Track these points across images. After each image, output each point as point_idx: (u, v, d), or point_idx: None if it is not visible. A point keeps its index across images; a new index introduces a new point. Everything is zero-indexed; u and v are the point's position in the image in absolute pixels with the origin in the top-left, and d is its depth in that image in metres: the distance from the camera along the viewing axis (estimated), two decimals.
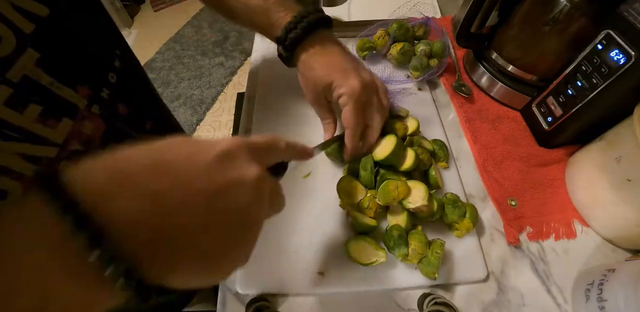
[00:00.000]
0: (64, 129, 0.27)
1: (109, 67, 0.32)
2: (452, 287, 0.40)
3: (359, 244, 0.39)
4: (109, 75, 0.32)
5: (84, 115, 0.29)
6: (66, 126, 0.27)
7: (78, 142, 0.28)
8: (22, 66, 0.24)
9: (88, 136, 0.29)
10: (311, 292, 0.40)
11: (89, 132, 0.29)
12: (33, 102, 0.25)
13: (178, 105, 1.89)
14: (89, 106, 0.29)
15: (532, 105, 0.52)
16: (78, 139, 0.28)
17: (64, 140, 0.27)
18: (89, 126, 0.29)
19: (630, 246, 0.42)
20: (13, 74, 0.23)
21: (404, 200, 0.39)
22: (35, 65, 0.25)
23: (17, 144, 0.24)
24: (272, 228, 0.44)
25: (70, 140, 0.28)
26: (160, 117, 0.45)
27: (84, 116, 0.29)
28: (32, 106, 0.25)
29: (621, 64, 0.37)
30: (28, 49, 0.24)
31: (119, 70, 0.33)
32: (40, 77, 0.25)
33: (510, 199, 0.46)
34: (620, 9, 0.38)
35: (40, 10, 0.25)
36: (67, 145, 0.27)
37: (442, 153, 0.48)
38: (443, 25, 0.67)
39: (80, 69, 0.29)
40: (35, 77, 0.25)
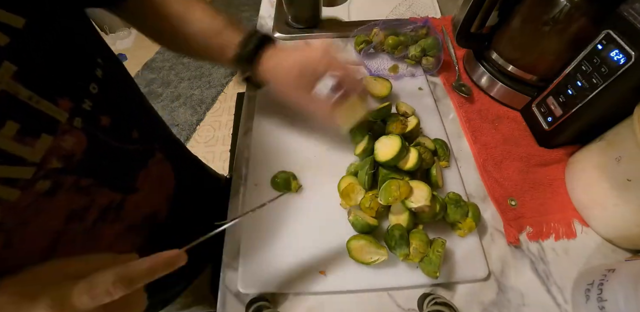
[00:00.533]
0: (43, 147, 0.25)
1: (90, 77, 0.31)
2: (452, 287, 0.40)
3: (360, 243, 0.39)
4: (90, 86, 0.30)
5: (65, 130, 0.27)
6: (45, 143, 0.26)
7: (57, 159, 0.27)
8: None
9: (68, 152, 0.28)
10: (312, 292, 0.40)
11: (68, 148, 0.28)
12: (10, 119, 0.23)
13: (178, 105, 1.89)
14: (71, 119, 0.27)
15: (532, 105, 0.52)
16: (57, 156, 0.27)
17: (41, 159, 0.25)
18: (70, 141, 0.28)
19: (630, 246, 0.42)
20: None
21: (406, 199, 0.39)
22: (12, 79, 0.23)
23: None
24: (273, 228, 0.44)
25: (48, 158, 0.26)
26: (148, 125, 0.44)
27: (65, 130, 0.27)
28: (9, 124, 0.23)
29: (621, 64, 0.37)
30: (4, 62, 0.23)
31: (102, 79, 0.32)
32: (19, 92, 0.24)
33: (510, 199, 0.46)
34: (620, 9, 0.38)
35: (16, 21, 0.24)
36: (45, 163, 0.26)
37: (442, 152, 0.48)
38: (443, 25, 0.67)
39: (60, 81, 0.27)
40: (13, 92, 0.23)
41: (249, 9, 2.38)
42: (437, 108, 0.56)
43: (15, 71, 0.23)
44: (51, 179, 0.26)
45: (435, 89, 0.60)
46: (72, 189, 0.29)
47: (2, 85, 0.23)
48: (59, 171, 0.27)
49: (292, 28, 0.71)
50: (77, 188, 0.29)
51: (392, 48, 0.60)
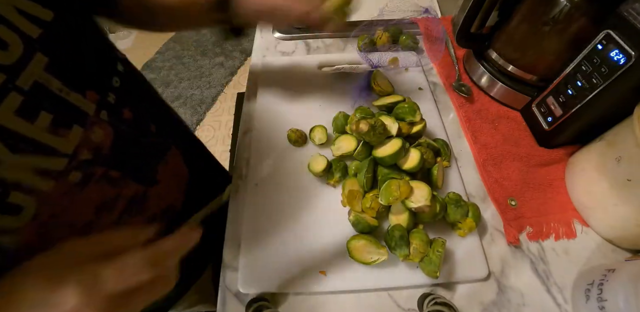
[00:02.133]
0: (75, 138, 0.26)
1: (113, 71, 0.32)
2: (452, 287, 0.40)
3: (361, 243, 0.39)
4: (113, 80, 0.31)
5: (93, 122, 0.28)
6: (77, 134, 0.26)
7: (87, 151, 0.28)
8: (32, 72, 0.23)
9: (97, 144, 0.29)
10: (313, 291, 0.40)
11: (98, 140, 0.29)
12: (44, 110, 0.24)
13: (178, 105, 1.89)
14: (98, 112, 0.29)
15: (532, 105, 0.52)
16: (87, 148, 0.27)
17: (73, 150, 0.26)
18: (99, 133, 0.29)
19: (630, 246, 0.42)
20: (23, 80, 0.23)
21: (406, 199, 0.39)
22: (44, 71, 0.24)
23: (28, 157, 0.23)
24: (273, 228, 0.44)
25: (80, 150, 0.27)
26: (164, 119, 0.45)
27: (93, 122, 0.28)
28: (43, 114, 0.24)
29: (621, 64, 0.37)
30: (37, 54, 0.24)
31: (123, 73, 0.33)
32: (50, 83, 0.24)
33: (510, 199, 0.46)
34: (620, 9, 0.38)
35: (45, 14, 0.25)
36: (77, 155, 0.27)
37: (443, 151, 0.48)
38: (443, 25, 0.67)
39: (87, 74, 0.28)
40: (45, 83, 0.24)
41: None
42: (437, 108, 0.56)
43: (47, 63, 0.24)
44: (82, 170, 0.27)
45: (435, 89, 0.60)
46: (102, 181, 0.30)
47: (35, 77, 0.23)
48: (90, 163, 0.28)
49: (292, 28, 0.71)
50: (106, 180, 0.30)
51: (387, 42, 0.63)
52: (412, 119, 0.47)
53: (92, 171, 0.28)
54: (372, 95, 0.56)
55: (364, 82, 0.57)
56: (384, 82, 0.56)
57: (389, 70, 0.60)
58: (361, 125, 0.41)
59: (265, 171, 0.49)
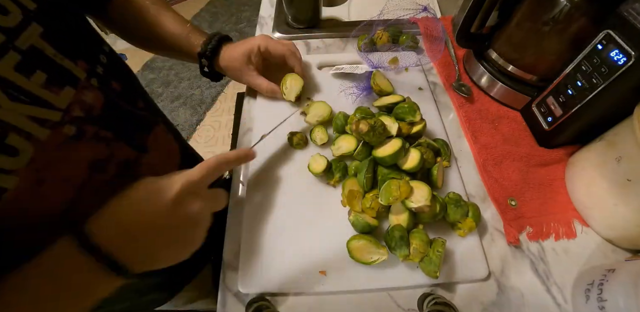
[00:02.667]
0: (67, 96, 0.29)
1: (99, 50, 0.36)
2: (452, 287, 0.40)
3: (361, 243, 0.39)
4: (100, 56, 0.35)
5: (84, 85, 0.31)
6: (69, 94, 0.30)
7: (80, 109, 0.31)
8: (29, 36, 0.27)
9: (89, 104, 0.32)
10: (313, 292, 0.40)
11: (89, 101, 0.32)
12: (39, 69, 0.27)
13: (178, 105, 1.89)
14: (88, 78, 0.32)
15: (532, 105, 0.52)
16: (79, 106, 0.31)
17: (67, 106, 0.29)
18: (89, 95, 0.32)
19: (630, 246, 0.42)
20: (21, 42, 0.26)
21: (406, 199, 0.39)
22: (40, 38, 0.27)
23: (25, 106, 0.26)
24: (273, 228, 0.44)
25: (72, 107, 0.30)
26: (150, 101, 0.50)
27: (84, 86, 0.31)
28: (38, 73, 0.27)
29: (621, 64, 0.37)
30: (33, 23, 0.27)
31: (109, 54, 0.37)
32: (45, 48, 0.28)
33: (510, 199, 0.46)
34: (620, 9, 0.38)
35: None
36: (70, 111, 0.30)
37: (443, 151, 0.48)
38: (443, 25, 0.67)
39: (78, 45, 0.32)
40: (40, 47, 0.27)
41: (249, 9, 2.39)
42: (437, 108, 0.56)
43: (42, 32, 0.28)
44: (75, 125, 0.30)
45: (435, 89, 0.60)
46: (94, 139, 0.32)
47: (32, 41, 0.27)
48: (82, 119, 0.31)
49: (292, 28, 0.71)
50: (97, 138, 0.33)
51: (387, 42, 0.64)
52: (412, 119, 0.47)
53: (85, 128, 0.31)
54: (373, 95, 0.56)
55: (364, 82, 0.57)
56: (384, 82, 0.56)
57: (389, 70, 0.60)
58: (361, 126, 0.41)
59: (265, 171, 0.49)
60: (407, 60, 0.60)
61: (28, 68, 0.26)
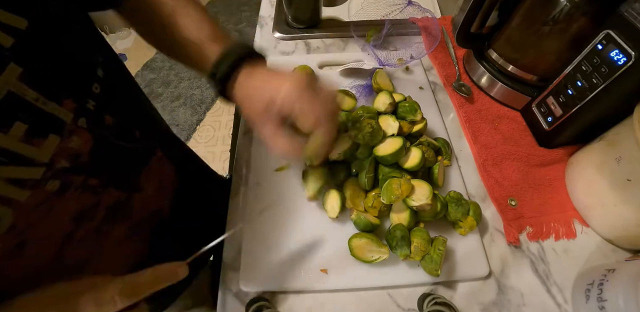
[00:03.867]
0: (51, 147, 0.26)
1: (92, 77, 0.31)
2: (452, 286, 0.40)
3: (362, 242, 0.39)
4: (92, 86, 0.30)
5: (71, 130, 0.27)
6: (53, 143, 0.26)
7: (65, 159, 0.27)
8: (5, 82, 0.23)
9: (75, 151, 0.28)
10: (314, 290, 0.40)
11: (76, 148, 0.28)
12: (18, 120, 0.23)
13: (178, 105, 1.89)
14: (76, 120, 0.28)
15: (532, 105, 0.52)
16: (65, 156, 0.27)
17: (50, 159, 0.26)
18: (77, 141, 0.28)
19: (630, 246, 0.42)
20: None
21: (407, 198, 0.39)
22: (18, 80, 0.23)
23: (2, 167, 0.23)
24: (274, 226, 0.44)
25: (56, 158, 0.26)
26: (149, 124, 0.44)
27: (71, 130, 0.27)
28: (17, 124, 0.23)
29: (621, 64, 0.37)
30: (10, 64, 0.23)
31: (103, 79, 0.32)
32: (25, 93, 0.24)
33: (510, 199, 0.46)
34: (620, 9, 0.38)
35: (19, 22, 0.24)
36: (54, 163, 0.26)
37: (444, 150, 0.48)
38: (443, 25, 0.67)
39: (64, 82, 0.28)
40: (20, 93, 0.23)
41: (249, 9, 2.38)
42: (437, 107, 0.56)
43: (21, 73, 0.23)
44: (60, 178, 0.27)
45: (435, 89, 0.60)
46: (80, 189, 0.29)
47: (10, 86, 0.23)
48: (68, 171, 0.27)
49: (292, 28, 0.71)
50: (84, 187, 0.29)
51: None
52: (413, 118, 0.47)
53: (70, 179, 0.28)
54: (374, 94, 0.56)
55: (367, 80, 0.57)
56: (384, 82, 0.56)
57: (396, 67, 0.59)
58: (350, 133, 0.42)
59: (266, 170, 0.49)
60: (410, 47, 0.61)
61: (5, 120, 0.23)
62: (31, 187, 0.25)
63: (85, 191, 0.30)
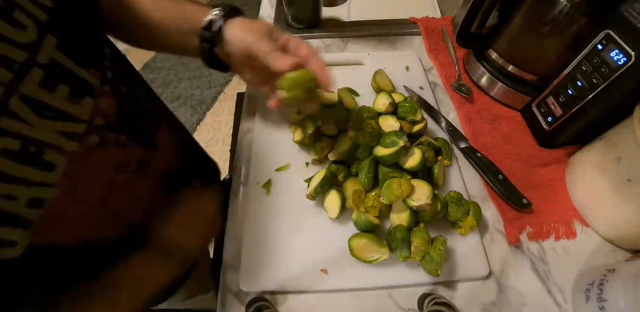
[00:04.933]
0: (88, 107, 0.30)
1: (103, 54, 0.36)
2: (452, 286, 0.40)
3: (362, 242, 0.39)
4: (104, 61, 0.35)
5: (100, 93, 0.32)
6: (89, 104, 0.30)
7: (100, 118, 0.32)
8: (47, 50, 0.27)
9: (106, 112, 0.33)
10: (314, 290, 0.40)
11: (106, 109, 0.33)
12: (61, 83, 0.28)
13: (178, 105, 1.89)
14: (102, 86, 0.32)
15: (532, 105, 0.52)
16: (99, 115, 0.32)
17: (89, 117, 0.30)
18: (106, 103, 0.33)
19: (630, 246, 0.42)
20: (42, 57, 0.26)
21: (407, 198, 0.39)
22: (56, 49, 0.27)
23: (54, 122, 0.27)
24: (275, 226, 0.44)
25: (94, 117, 0.31)
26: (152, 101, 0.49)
27: (100, 94, 0.32)
28: (61, 87, 0.27)
29: (621, 64, 0.37)
30: (48, 35, 0.27)
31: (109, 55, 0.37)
32: (63, 60, 0.28)
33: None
34: (620, 9, 0.38)
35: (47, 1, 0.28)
36: (92, 121, 0.31)
37: (444, 150, 0.48)
38: (443, 25, 0.67)
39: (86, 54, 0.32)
40: (59, 60, 0.28)
41: (249, 9, 2.38)
42: (438, 108, 0.56)
43: (57, 43, 0.28)
44: (98, 134, 0.31)
45: (435, 89, 0.60)
46: (114, 143, 0.34)
47: (51, 55, 0.27)
48: (103, 128, 0.32)
49: (292, 28, 0.71)
50: (117, 143, 0.34)
51: None
52: (413, 118, 0.47)
53: (106, 135, 0.33)
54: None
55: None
56: (384, 82, 0.56)
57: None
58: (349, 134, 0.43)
59: (266, 170, 0.49)
60: None
61: (51, 83, 0.27)
62: (78, 140, 0.29)
63: (118, 146, 0.35)
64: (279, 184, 0.48)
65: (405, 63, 0.61)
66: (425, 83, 0.59)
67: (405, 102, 0.48)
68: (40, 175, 0.26)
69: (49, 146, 0.26)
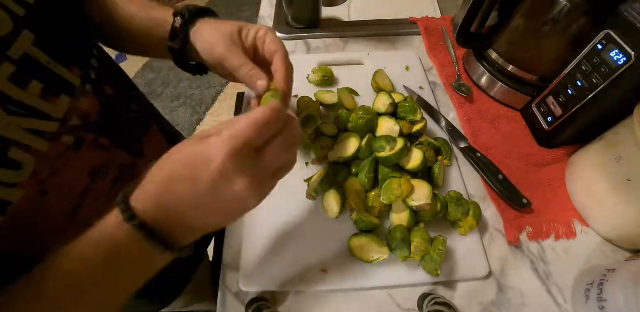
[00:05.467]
0: (63, 105, 0.29)
1: (90, 54, 0.35)
2: (452, 286, 0.40)
3: (362, 242, 0.39)
4: (91, 60, 0.34)
5: (80, 92, 0.31)
6: (65, 103, 0.29)
7: (77, 118, 0.31)
8: (21, 45, 0.26)
9: (85, 112, 0.32)
10: (314, 289, 0.40)
11: (86, 108, 0.32)
12: (35, 79, 0.27)
13: (178, 105, 1.89)
14: (83, 84, 0.31)
15: (532, 105, 0.52)
16: (76, 114, 0.30)
17: (64, 116, 0.29)
18: (85, 103, 0.32)
19: (630, 246, 0.42)
20: (14, 52, 0.25)
21: (407, 198, 0.39)
22: (32, 45, 0.27)
23: (22, 119, 0.26)
24: (275, 226, 0.44)
25: (69, 116, 0.30)
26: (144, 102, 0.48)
27: (80, 93, 0.31)
28: (34, 83, 0.27)
29: (621, 64, 0.37)
30: (24, 31, 0.26)
31: (98, 56, 0.36)
32: (39, 56, 0.27)
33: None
34: (620, 9, 0.38)
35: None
36: (67, 120, 0.29)
37: (444, 150, 0.48)
38: (443, 25, 0.67)
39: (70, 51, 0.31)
40: (34, 56, 0.27)
41: (249, 9, 2.38)
42: (438, 108, 0.56)
43: (34, 39, 0.27)
44: (74, 134, 0.30)
45: (435, 89, 0.60)
46: (93, 146, 0.33)
47: (25, 49, 0.26)
48: (80, 128, 0.31)
49: (292, 28, 0.71)
50: (96, 146, 0.33)
51: None
52: (413, 118, 0.47)
53: (83, 136, 0.31)
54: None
55: None
56: (384, 82, 0.56)
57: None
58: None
59: None
60: None
61: (23, 79, 0.26)
62: (49, 140, 0.28)
63: (97, 149, 0.33)
64: (279, 183, 0.48)
65: (405, 63, 0.61)
66: (425, 83, 0.59)
67: (405, 102, 0.48)
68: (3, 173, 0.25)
69: (14, 144, 0.25)
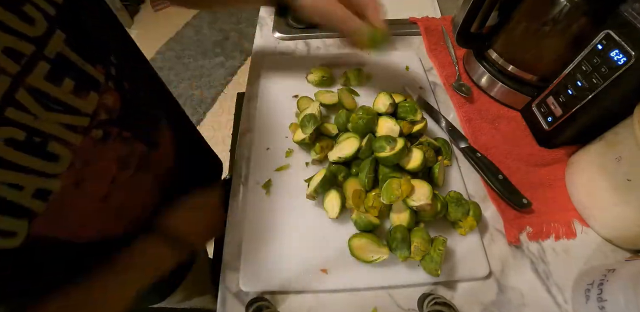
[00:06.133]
0: (93, 101, 0.31)
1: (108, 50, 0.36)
2: (452, 286, 0.40)
3: (362, 242, 0.39)
4: (110, 57, 0.36)
5: (105, 89, 0.33)
6: (94, 98, 0.31)
7: (104, 112, 0.33)
8: (55, 44, 0.27)
9: (110, 107, 0.34)
10: (314, 290, 0.40)
11: (110, 104, 0.34)
12: (67, 77, 0.28)
13: None
14: (107, 81, 0.33)
15: (532, 105, 0.52)
16: (103, 110, 0.33)
17: (93, 111, 0.31)
18: (110, 98, 0.34)
19: (630, 246, 0.42)
20: (49, 51, 0.27)
21: (407, 198, 0.39)
22: (64, 44, 0.28)
23: (58, 114, 0.28)
24: (275, 226, 0.44)
25: (98, 111, 0.32)
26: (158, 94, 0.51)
27: (105, 89, 0.33)
28: (67, 81, 0.28)
29: (621, 64, 0.37)
30: (57, 30, 0.28)
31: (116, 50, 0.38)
32: (70, 55, 0.29)
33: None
34: (620, 9, 0.38)
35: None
36: (96, 115, 0.31)
37: (444, 150, 0.48)
38: (443, 25, 0.67)
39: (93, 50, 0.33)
40: (66, 54, 0.28)
41: (249, 9, 2.38)
42: (438, 108, 0.56)
43: (65, 38, 0.28)
44: (102, 128, 0.32)
45: (435, 89, 0.60)
46: (118, 139, 0.35)
47: (58, 49, 0.28)
48: (107, 122, 0.33)
49: (292, 28, 0.71)
50: (121, 138, 0.35)
51: None
52: (413, 118, 0.47)
53: (109, 130, 0.33)
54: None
55: None
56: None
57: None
58: None
59: (265, 170, 0.49)
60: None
61: (57, 76, 0.27)
62: (82, 133, 0.30)
63: (122, 141, 0.35)
64: (279, 184, 0.48)
65: (405, 63, 0.61)
66: (425, 83, 0.59)
67: (405, 102, 0.48)
68: (44, 165, 0.27)
69: (53, 138, 0.27)
